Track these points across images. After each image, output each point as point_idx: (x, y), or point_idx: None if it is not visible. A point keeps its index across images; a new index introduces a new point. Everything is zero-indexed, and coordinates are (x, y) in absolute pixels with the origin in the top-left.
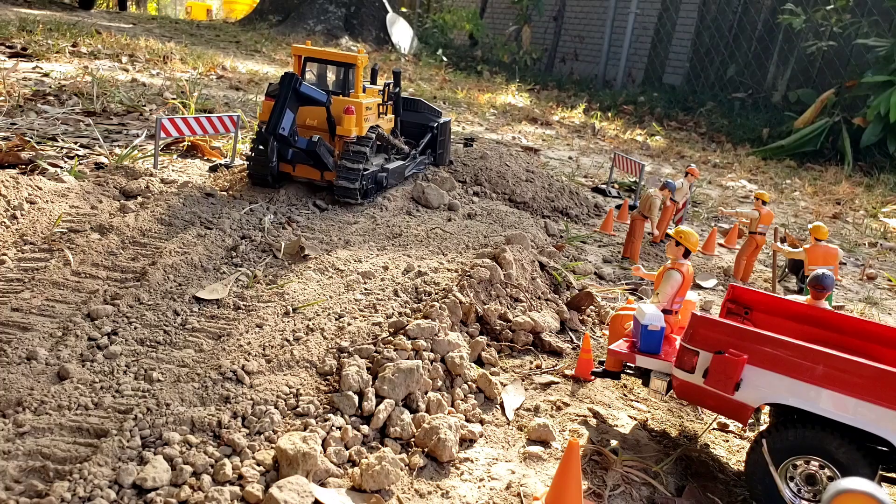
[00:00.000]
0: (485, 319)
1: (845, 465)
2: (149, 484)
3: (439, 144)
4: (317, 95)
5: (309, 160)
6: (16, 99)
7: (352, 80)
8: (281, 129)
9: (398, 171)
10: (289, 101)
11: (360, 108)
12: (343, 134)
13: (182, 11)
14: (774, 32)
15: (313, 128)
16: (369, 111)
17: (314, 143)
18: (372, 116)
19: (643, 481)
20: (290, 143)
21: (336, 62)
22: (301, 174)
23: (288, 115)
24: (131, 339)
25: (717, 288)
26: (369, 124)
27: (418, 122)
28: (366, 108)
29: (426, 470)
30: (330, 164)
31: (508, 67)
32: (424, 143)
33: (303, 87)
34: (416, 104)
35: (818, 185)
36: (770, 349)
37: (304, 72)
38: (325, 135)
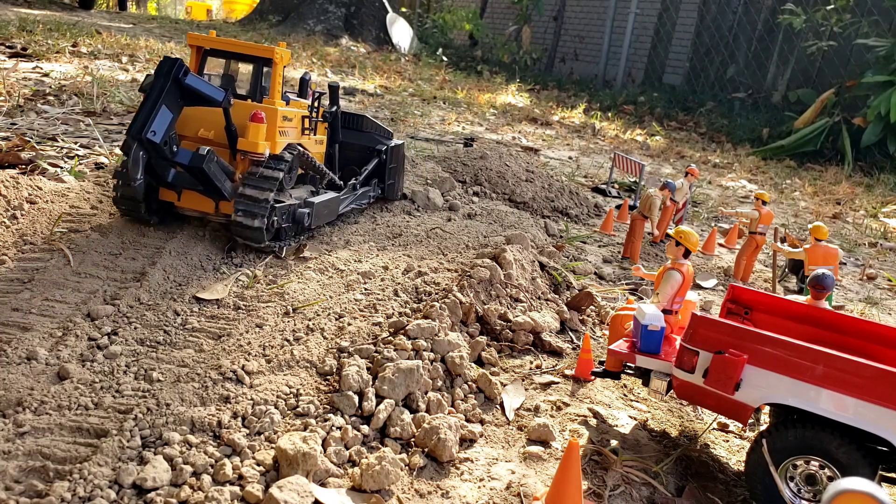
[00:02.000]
0: (485, 319)
1: (845, 465)
2: (149, 484)
3: (389, 173)
4: (210, 91)
5: (197, 183)
6: (16, 99)
7: (267, 80)
8: (150, 133)
9: (328, 207)
10: (166, 94)
11: (274, 115)
12: (247, 149)
13: (182, 11)
14: (774, 32)
15: (208, 141)
16: (288, 122)
17: (201, 157)
18: (292, 131)
19: (643, 481)
20: (165, 154)
21: (246, 56)
22: (188, 205)
23: (163, 115)
24: (131, 339)
25: (717, 288)
26: (287, 140)
27: (362, 144)
28: (282, 117)
29: (426, 470)
30: (226, 190)
31: (508, 67)
32: (369, 171)
33: (190, 77)
34: (360, 122)
35: (818, 185)
36: (770, 349)
37: (201, 71)
38: (223, 151)
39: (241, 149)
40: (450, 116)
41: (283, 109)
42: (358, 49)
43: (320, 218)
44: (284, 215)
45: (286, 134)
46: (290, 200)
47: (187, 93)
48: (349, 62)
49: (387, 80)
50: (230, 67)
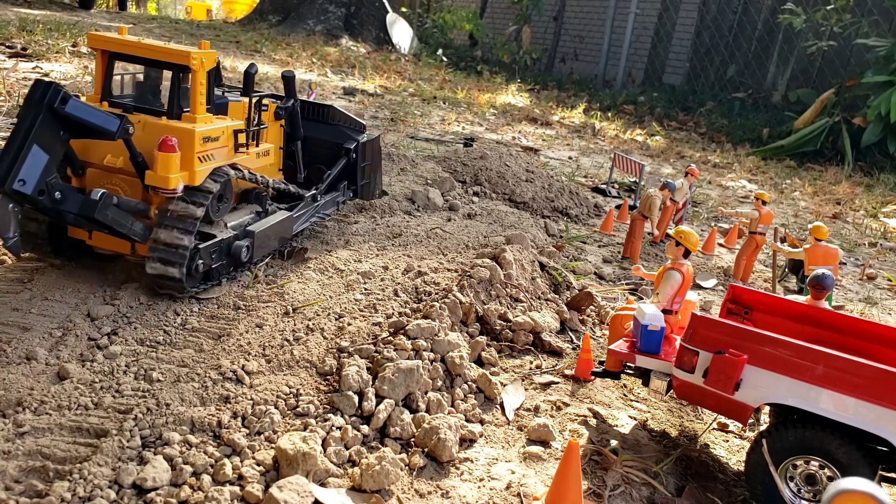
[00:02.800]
0: (485, 319)
1: (845, 465)
2: (149, 484)
3: (361, 172)
4: (98, 121)
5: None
6: (16, 99)
7: (186, 92)
8: (18, 184)
9: (276, 232)
10: (38, 131)
11: (191, 139)
12: (156, 185)
13: (182, 11)
14: (774, 32)
15: (117, 171)
16: (212, 144)
17: (92, 204)
18: (220, 152)
19: (643, 481)
20: (45, 205)
21: (157, 62)
22: (101, 244)
23: (36, 158)
24: (131, 339)
25: (717, 288)
26: (213, 165)
27: (329, 139)
28: (202, 138)
29: (426, 470)
30: (136, 234)
31: (508, 67)
32: (334, 175)
33: (70, 105)
34: (326, 113)
35: (818, 185)
36: (770, 349)
37: (109, 77)
38: (132, 182)
39: (149, 184)
40: (450, 116)
41: (204, 129)
42: (358, 49)
43: (266, 247)
44: (214, 254)
45: (210, 158)
46: (222, 233)
47: (69, 123)
48: (349, 62)
49: (387, 80)
50: (146, 74)
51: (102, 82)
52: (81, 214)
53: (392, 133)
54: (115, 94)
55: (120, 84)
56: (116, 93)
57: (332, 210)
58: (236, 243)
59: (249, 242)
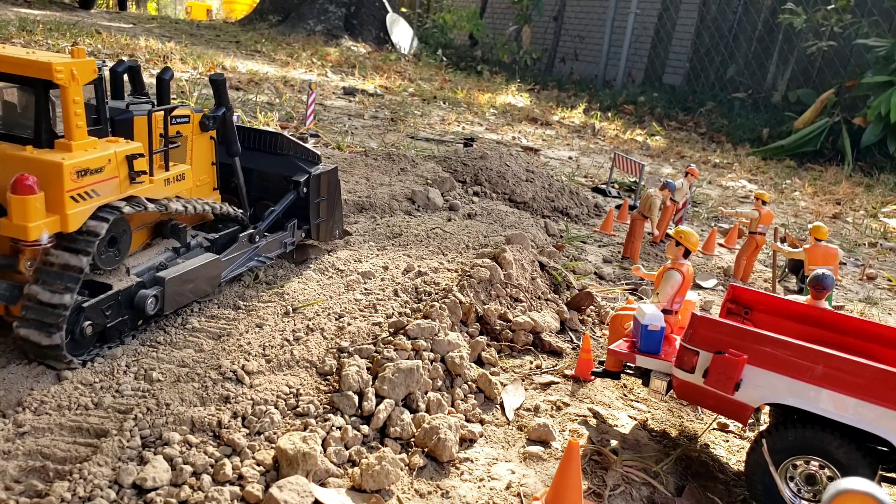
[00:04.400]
0: (485, 319)
1: (845, 465)
2: (149, 484)
3: (314, 210)
4: None
5: None
6: None
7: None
8: None
9: (198, 276)
10: None
11: (58, 174)
12: (13, 236)
13: (182, 11)
14: (774, 32)
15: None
16: (95, 176)
17: None
18: (108, 186)
19: (643, 481)
20: None
21: (13, 76)
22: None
23: None
24: (131, 339)
25: (717, 288)
26: (97, 203)
27: (276, 171)
28: (76, 172)
29: (426, 470)
30: (2, 296)
31: (508, 67)
32: (279, 212)
33: None
34: (276, 141)
35: (818, 185)
36: (770, 349)
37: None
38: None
39: (5, 235)
40: (450, 116)
41: (80, 160)
42: (358, 49)
43: (183, 296)
44: (110, 311)
45: (93, 194)
46: (121, 283)
47: None
48: (349, 62)
49: (387, 80)
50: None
51: None
52: None
53: (392, 133)
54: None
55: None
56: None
57: (276, 252)
58: (141, 293)
59: (158, 291)
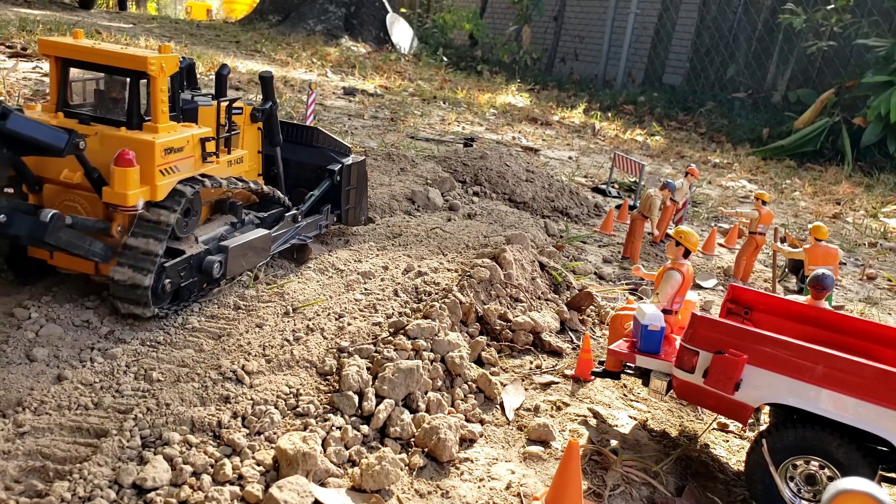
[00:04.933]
0: (485, 319)
1: (845, 465)
2: (149, 484)
3: (346, 196)
4: (45, 136)
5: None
6: (16, 99)
7: (145, 100)
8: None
9: (252, 248)
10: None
11: (150, 152)
12: (114, 202)
13: (182, 11)
14: (774, 32)
15: (75, 187)
16: (176, 155)
17: (42, 227)
18: (186, 163)
19: (643, 481)
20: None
21: (112, 69)
22: (63, 264)
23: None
24: (131, 339)
25: (717, 288)
26: (179, 177)
27: (312, 162)
28: (164, 150)
29: (426, 470)
30: (96, 255)
31: (508, 67)
32: (317, 197)
33: (12, 121)
34: (312, 135)
35: (818, 185)
36: (770, 349)
37: (64, 86)
38: (91, 199)
39: (107, 201)
40: (450, 116)
41: (166, 140)
42: (358, 49)
43: (241, 263)
44: (184, 272)
45: (174, 170)
46: (193, 249)
47: (13, 140)
48: (349, 62)
49: (387, 80)
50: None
51: (57, 91)
52: (32, 237)
53: (392, 133)
54: (74, 103)
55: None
56: (76, 101)
57: (313, 233)
58: (208, 258)
59: (223, 258)
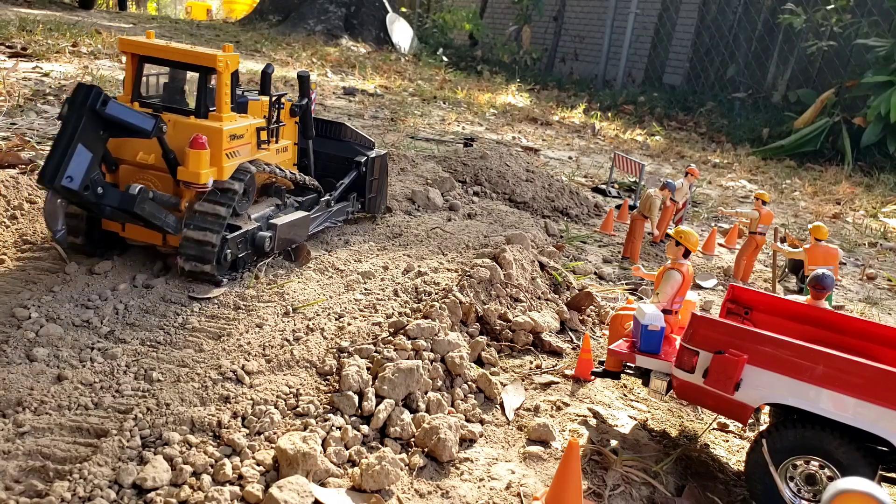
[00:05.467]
0: (485, 319)
1: (845, 465)
2: (149, 484)
3: (369, 186)
4: (135, 120)
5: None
6: (16, 99)
7: (212, 92)
8: (66, 180)
9: (295, 226)
10: (83, 131)
11: (219, 137)
12: (188, 180)
13: (182, 11)
14: (774, 32)
15: (150, 167)
16: (238, 141)
17: (131, 199)
18: (245, 148)
19: (643, 481)
20: (88, 199)
21: (185, 65)
22: (134, 236)
23: (81, 156)
24: (131, 339)
25: (717, 288)
26: (239, 161)
27: (340, 154)
28: (230, 136)
29: (426, 470)
30: (169, 226)
31: (508, 67)
32: (346, 185)
33: (110, 106)
34: (340, 130)
35: (818, 185)
36: (770, 349)
37: (139, 79)
38: (168, 177)
39: (181, 180)
40: (450, 116)
41: (231, 127)
42: (358, 49)
43: (286, 240)
44: (241, 244)
45: (236, 154)
46: (247, 225)
47: (109, 124)
48: (349, 62)
49: (387, 80)
50: (173, 75)
51: (133, 84)
52: (120, 208)
53: (392, 133)
54: (144, 94)
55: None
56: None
57: (342, 219)
58: (259, 234)
59: (272, 234)
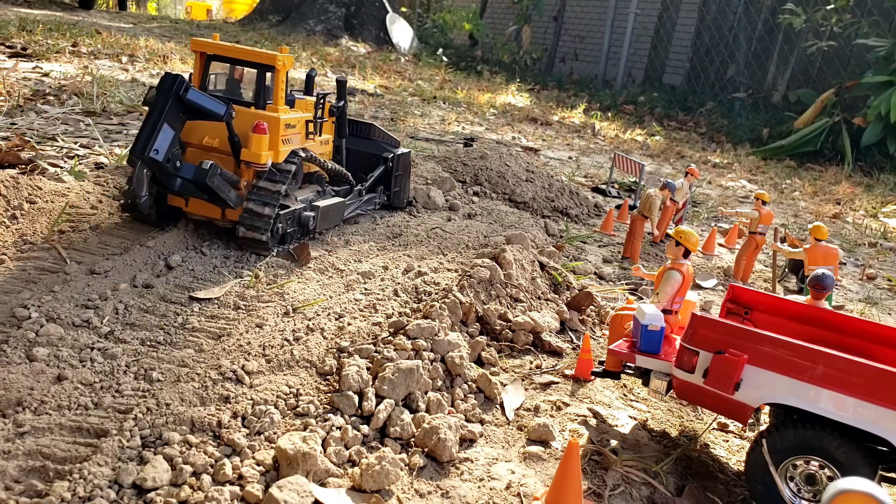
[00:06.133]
0: (485, 319)
1: (845, 465)
2: (149, 484)
3: (395, 181)
4: (211, 106)
5: (203, 193)
6: (16, 99)
7: (270, 87)
8: (153, 153)
9: (333, 211)
10: (168, 112)
11: (277, 125)
12: (250, 160)
13: (182, 11)
14: (774, 32)
15: (213, 149)
16: (291, 130)
17: (204, 172)
18: (296, 137)
19: (643, 481)
20: (169, 170)
21: (249, 63)
22: (196, 211)
23: (166, 133)
24: (131, 339)
25: (717, 288)
26: (291, 147)
27: (369, 151)
28: (285, 125)
29: (426, 470)
30: (231, 200)
31: (508, 67)
32: (375, 178)
33: (191, 93)
34: (369, 129)
35: (818, 185)
36: (770, 349)
37: (206, 75)
38: (228, 159)
39: (244, 160)
40: (450, 116)
41: (286, 117)
42: (358, 49)
43: (325, 221)
44: (289, 220)
45: (289, 141)
46: (295, 205)
47: (189, 108)
48: (349, 62)
49: (387, 80)
50: (235, 72)
51: (200, 79)
52: (194, 181)
53: (392, 133)
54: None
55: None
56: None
57: (371, 207)
58: (304, 214)
59: (315, 214)
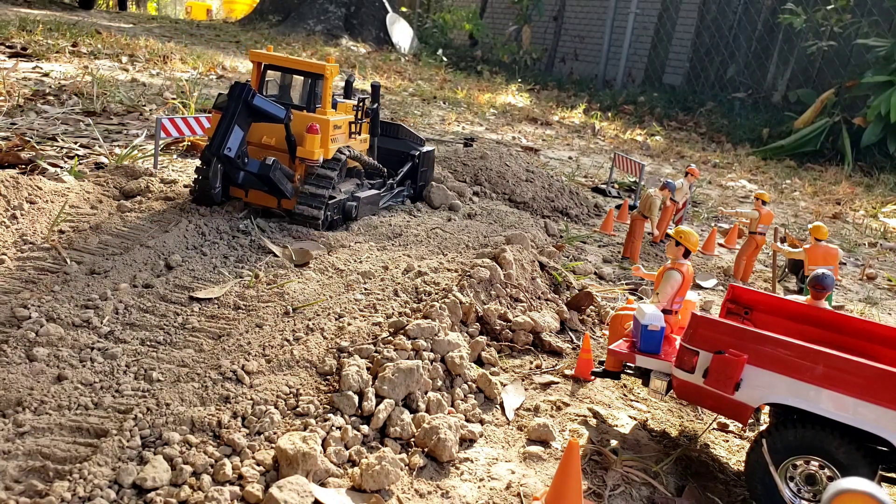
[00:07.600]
0: (485, 319)
1: (845, 465)
2: (149, 484)
3: (420, 176)
4: (274, 110)
5: (263, 185)
6: (16, 99)
7: (319, 93)
8: (227, 150)
9: (371, 201)
10: (238, 115)
11: (327, 126)
12: (305, 157)
13: (182, 11)
14: (774, 32)
15: (270, 147)
16: (338, 130)
17: (267, 167)
18: (341, 136)
19: (643, 481)
20: (239, 165)
21: (301, 72)
22: (255, 200)
23: (236, 133)
24: (131, 339)
25: (717, 288)
26: (337, 145)
27: (398, 149)
28: (334, 126)
29: (426, 470)
30: (288, 191)
31: (508, 67)
32: (404, 173)
33: (257, 99)
34: (397, 130)
35: (818, 185)
36: (770, 349)
37: (262, 81)
38: (283, 156)
39: (300, 156)
40: (450, 116)
41: (334, 119)
42: (358, 49)
43: (365, 211)
44: (336, 209)
45: (336, 140)
46: (340, 196)
47: (255, 111)
48: (349, 62)
49: (387, 80)
50: (286, 79)
51: (258, 86)
52: (258, 174)
53: None
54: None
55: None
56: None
57: (400, 199)
58: (348, 203)
59: (357, 203)
